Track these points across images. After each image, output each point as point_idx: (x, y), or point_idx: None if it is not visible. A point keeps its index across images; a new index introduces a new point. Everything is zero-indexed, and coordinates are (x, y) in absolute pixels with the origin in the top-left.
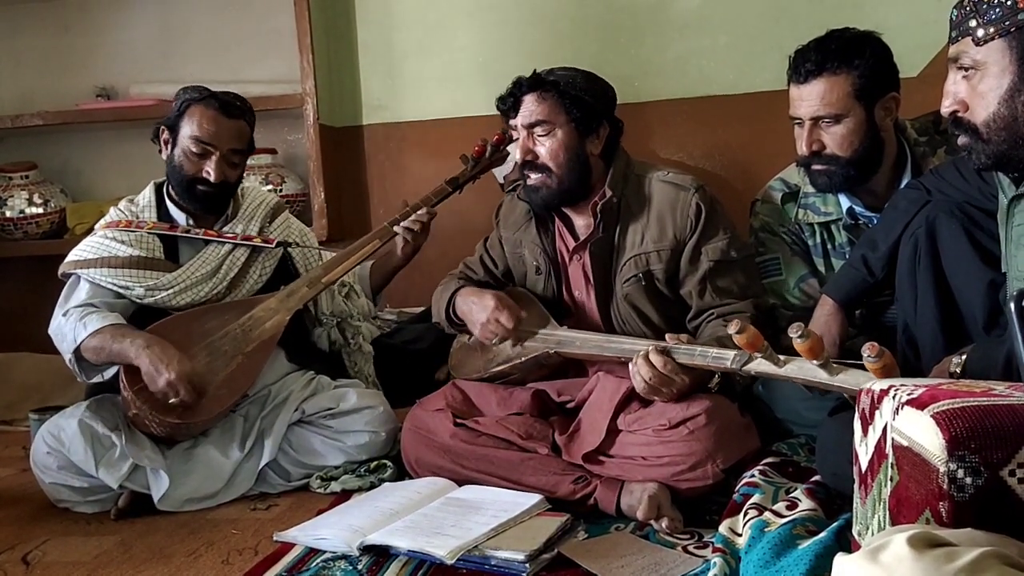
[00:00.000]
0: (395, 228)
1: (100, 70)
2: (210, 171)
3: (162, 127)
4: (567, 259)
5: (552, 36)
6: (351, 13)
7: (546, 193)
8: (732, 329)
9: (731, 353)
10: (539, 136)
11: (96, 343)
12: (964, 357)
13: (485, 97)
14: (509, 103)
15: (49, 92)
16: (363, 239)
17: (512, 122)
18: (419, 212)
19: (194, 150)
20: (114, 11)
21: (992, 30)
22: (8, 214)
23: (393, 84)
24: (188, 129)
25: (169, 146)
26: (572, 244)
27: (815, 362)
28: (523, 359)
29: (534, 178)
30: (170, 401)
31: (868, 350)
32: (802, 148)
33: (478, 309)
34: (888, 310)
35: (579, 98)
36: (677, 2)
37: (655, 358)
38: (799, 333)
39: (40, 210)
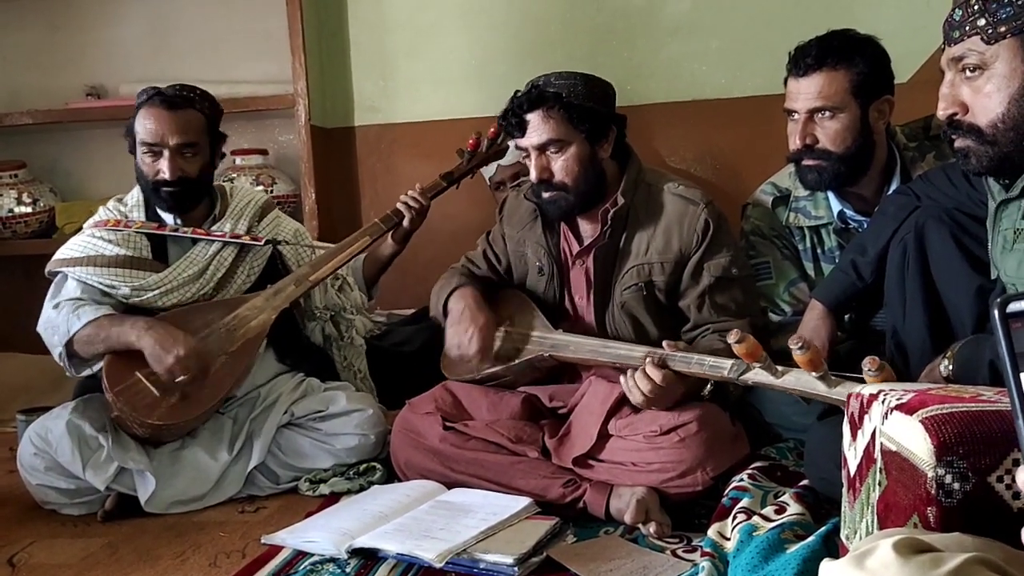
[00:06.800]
0: (398, 204)
1: (90, 69)
2: (164, 170)
3: (127, 135)
4: (570, 262)
5: (543, 39)
6: (343, 14)
7: (564, 205)
8: (732, 339)
9: (728, 362)
10: (552, 154)
11: (90, 331)
12: (951, 358)
13: (477, 99)
14: (513, 123)
15: (38, 91)
16: (352, 236)
17: (520, 143)
18: (416, 190)
19: (146, 152)
20: (104, 9)
21: (1003, 28)
22: None
23: (385, 85)
24: (138, 133)
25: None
26: (576, 248)
27: (814, 374)
28: (516, 361)
29: (552, 194)
30: (177, 380)
31: (869, 364)
32: (795, 142)
33: (467, 319)
34: (877, 315)
35: (585, 108)
36: (668, 6)
37: (653, 372)
38: (799, 344)
39: (29, 209)
